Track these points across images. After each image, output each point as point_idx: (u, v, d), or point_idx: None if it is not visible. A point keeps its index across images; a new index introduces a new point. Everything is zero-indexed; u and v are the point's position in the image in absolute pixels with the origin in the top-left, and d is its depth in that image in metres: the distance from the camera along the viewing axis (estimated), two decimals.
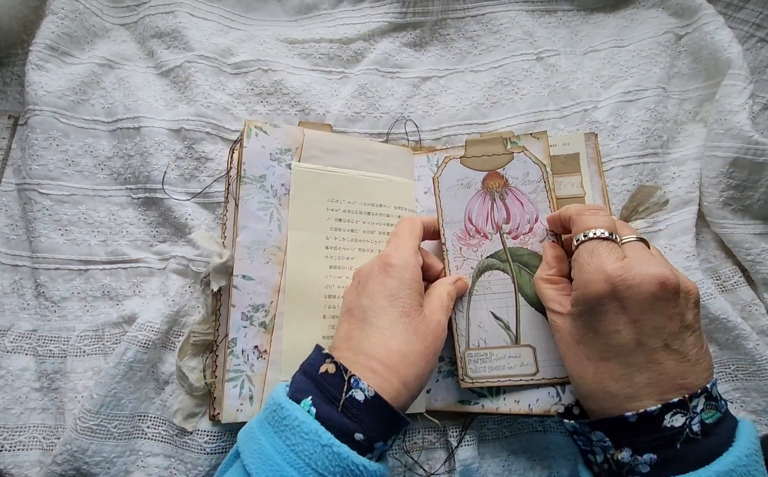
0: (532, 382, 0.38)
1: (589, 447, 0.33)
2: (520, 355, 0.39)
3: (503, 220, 0.41)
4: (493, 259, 0.40)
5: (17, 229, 0.45)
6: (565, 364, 0.35)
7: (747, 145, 0.44)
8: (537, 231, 0.40)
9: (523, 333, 0.39)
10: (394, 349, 0.32)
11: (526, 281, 0.39)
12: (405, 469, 0.41)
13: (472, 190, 0.42)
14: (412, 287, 0.34)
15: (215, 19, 0.53)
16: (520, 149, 0.42)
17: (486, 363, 0.39)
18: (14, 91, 0.49)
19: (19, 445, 0.40)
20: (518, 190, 0.41)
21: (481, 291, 0.40)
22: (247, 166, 0.42)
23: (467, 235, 0.41)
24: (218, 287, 0.41)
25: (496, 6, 0.55)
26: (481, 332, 0.39)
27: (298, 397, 0.30)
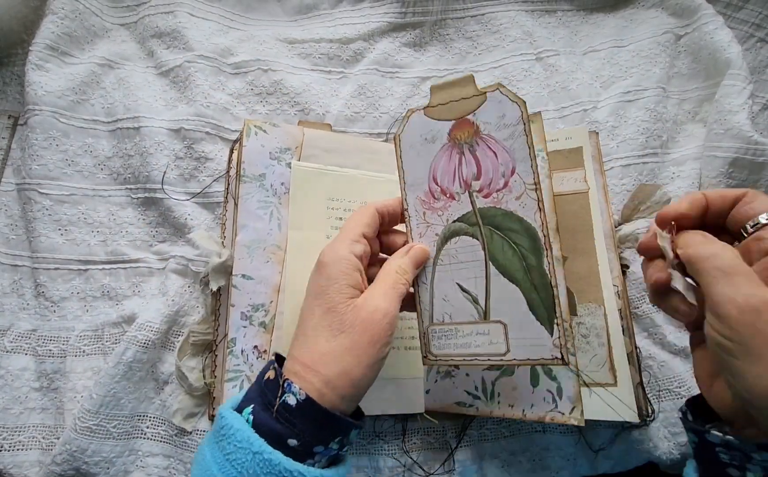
0: (502, 362, 0.34)
1: (740, 462, 0.27)
2: (489, 332, 0.34)
3: (473, 176, 0.35)
4: (460, 224, 0.35)
5: (17, 229, 0.45)
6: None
7: (747, 145, 0.44)
8: (513, 186, 0.33)
9: (493, 307, 0.34)
10: (316, 350, 0.30)
11: (498, 247, 0.34)
12: (405, 469, 0.41)
13: (437, 145, 0.36)
14: (339, 281, 0.32)
15: (215, 19, 0.53)
16: (493, 87, 0.34)
17: (451, 340, 0.35)
18: (14, 91, 0.49)
19: (18, 445, 0.40)
20: (491, 137, 0.34)
21: (447, 260, 0.35)
22: (246, 165, 0.42)
23: (431, 197, 0.36)
24: (217, 287, 0.41)
25: (496, 6, 0.55)
26: (446, 306, 0.35)
27: (244, 406, 0.30)
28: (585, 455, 0.42)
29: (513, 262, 0.34)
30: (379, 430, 0.42)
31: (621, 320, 0.41)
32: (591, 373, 0.39)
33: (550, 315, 0.32)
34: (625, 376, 0.39)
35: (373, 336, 0.31)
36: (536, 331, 0.33)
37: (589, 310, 0.41)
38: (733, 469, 0.28)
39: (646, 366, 0.42)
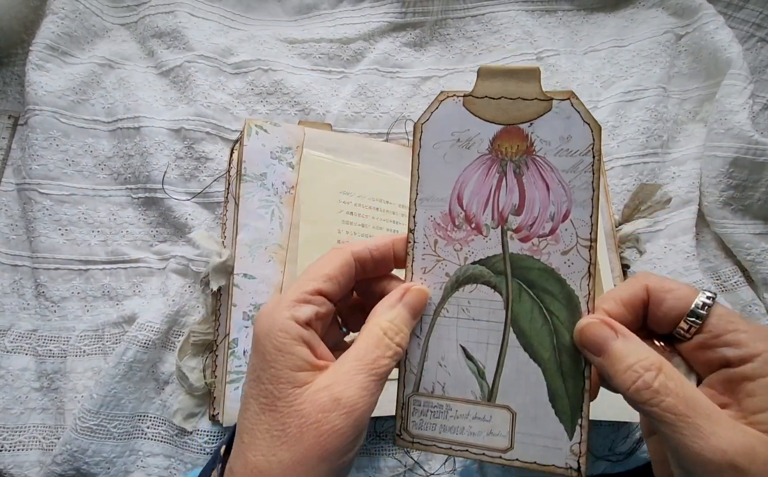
0: (501, 460, 0.26)
1: None
2: (491, 419, 0.26)
3: (512, 209, 0.26)
4: (482, 268, 0.26)
5: (17, 229, 0.45)
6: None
7: (747, 145, 0.44)
8: (562, 235, 0.26)
9: (502, 388, 0.26)
10: (251, 463, 0.22)
11: (526, 310, 0.26)
12: (405, 469, 0.41)
13: (472, 152, 0.26)
14: (275, 363, 0.23)
15: (215, 19, 0.53)
16: (565, 96, 0.26)
17: (438, 419, 0.27)
18: (14, 91, 0.49)
19: (19, 445, 0.40)
20: (546, 163, 0.26)
21: (454, 312, 0.27)
22: (247, 165, 0.42)
23: (451, 222, 0.27)
24: (218, 287, 0.41)
25: (496, 6, 0.55)
26: (440, 373, 0.27)
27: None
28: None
29: (541, 335, 0.26)
30: (380, 429, 0.42)
31: None
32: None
33: (575, 412, 0.25)
34: None
35: (326, 449, 0.22)
36: (553, 428, 0.26)
37: None
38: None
39: None
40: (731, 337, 0.22)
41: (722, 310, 0.23)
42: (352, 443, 0.23)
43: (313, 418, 0.22)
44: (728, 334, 0.22)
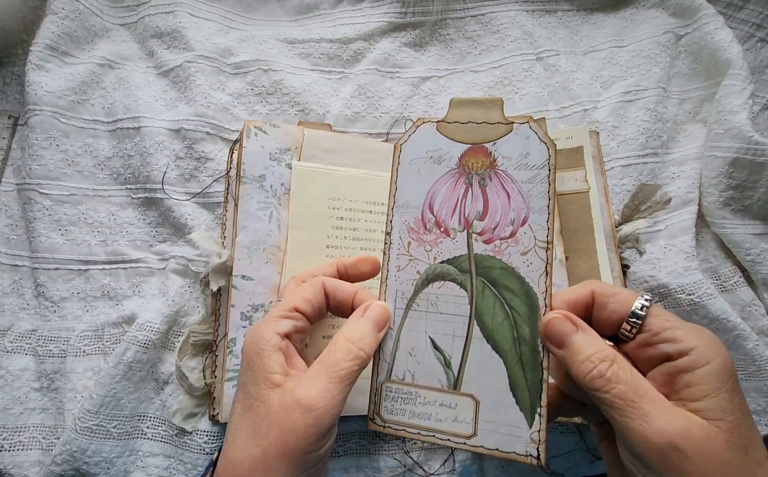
0: (465, 446, 0.28)
1: None
2: (456, 406, 0.28)
3: (477, 215, 0.30)
4: (449, 267, 0.29)
5: (17, 229, 0.45)
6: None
7: (747, 145, 0.44)
8: (521, 238, 0.29)
9: (467, 377, 0.28)
10: (230, 459, 0.25)
11: (489, 305, 0.29)
12: (405, 469, 0.41)
13: (443, 167, 0.30)
14: (257, 366, 0.26)
15: (215, 19, 0.53)
16: (524, 119, 0.30)
17: (408, 405, 0.29)
18: (14, 91, 0.49)
19: (18, 445, 0.40)
20: (507, 175, 0.29)
21: (423, 307, 0.30)
22: (246, 166, 0.42)
23: (422, 227, 0.30)
24: (217, 287, 0.41)
25: (496, 6, 0.55)
26: (410, 362, 0.29)
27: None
28: (585, 456, 0.42)
29: (503, 328, 0.28)
30: None
31: None
32: None
33: (534, 402, 0.27)
34: None
35: (286, 446, 0.24)
36: (514, 417, 0.27)
37: None
38: None
39: None
40: (669, 334, 0.24)
41: (659, 311, 0.25)
42: (314, 442, 0.24)
43: (277, 417, 0.24)
44: (666, 332, 0.24)
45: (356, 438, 0.42)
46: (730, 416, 0.22)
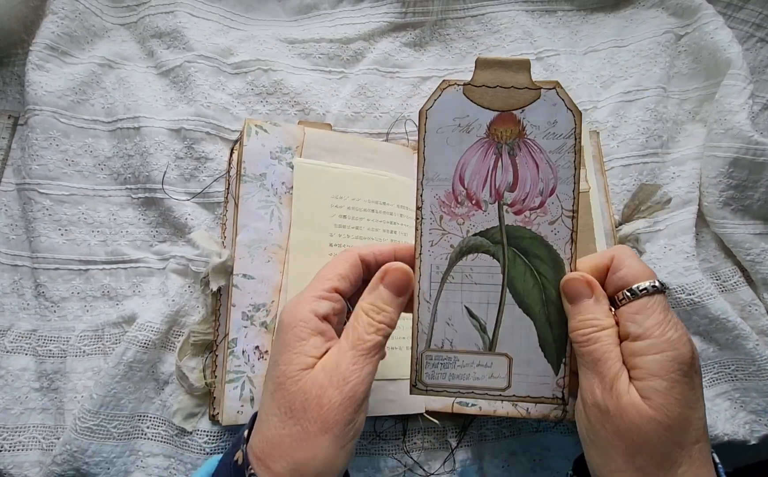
0: (501, 397, 0.31)
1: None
2: (492, 365, 0.31)
3: (507, 186, 0.30)
4: (482, 239, 0.30)
5: (17, 229, 0.45)
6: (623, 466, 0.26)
7: (747, 145, 0.44)
8: (549, 208, 0.30)
9: (501, 339, 0.31)
10: (266, 437, 0.26)
11: (520, 273, 0.30)
12: (405, 469, 0.41)
13: (472, 136, 0.30)
14: (293, 348, 0.27)
15: (215, 19, 0.53)
16: (551, 85, 0.29)
17: (447, 369, 0.31)
18: (14, 91, 0.49)
19: (18, 445, 0.40)
20: (536, 145, 0.29)
21: (459, 279, 0.31)
22: (247, 165, 0.42)
23: (454, 200, 0.30)
24: (218, 287, 0.41)
25: (496, 6, 0.55)
26: (448, 331, 0.31)
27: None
28: None
29: (533, 293, 0.30)
30: (380, 430, 0.42)
31: None
32: None
33: (560, 354, 0.30)
34: None
35: (326, 421, 0.25)
36: (542, 368, 0.31)
37: None
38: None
39: None
40: (640, 317, 0.27)
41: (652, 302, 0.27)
42: (352, 414, 0.26)
43: (313, 394, 0.25)
44: (640, 314, 0.27)
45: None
46: (662, 400, 0.25)
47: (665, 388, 0.25)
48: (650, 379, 0.25)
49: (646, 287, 0.27)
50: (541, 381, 0.31)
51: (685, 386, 0.25)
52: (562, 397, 0.31)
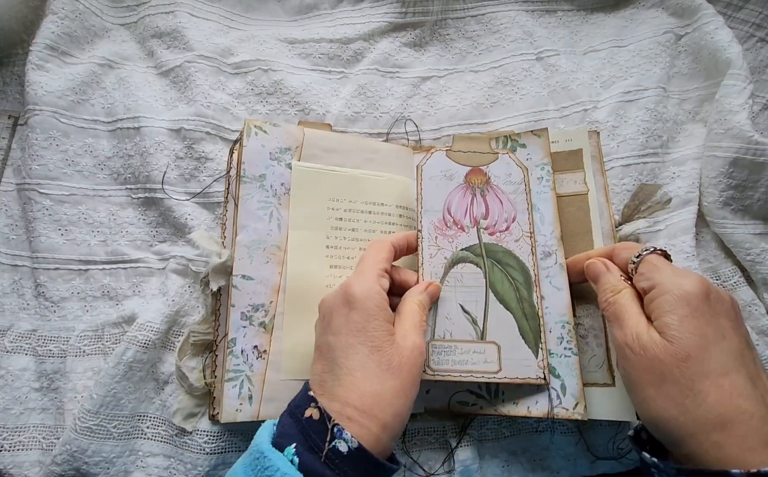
0: (494, 380, 0.37)
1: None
2: (485, 352, 0.38)
3: (482, 215, 0.41)
4: (467, 252, 0.40)
5: (17, 229, 0.45)
6: (654, 396, 0.29)
7: (747, 145, 0.44)
8: (513, 230, 0.41)
9: (489, 329, 0.39)
10: (368, 392, 0.30)
11: (498, 278, 0.40)
12: (405, 470, 0.41)
13: (454, 182, 0.42)
14: (378, 317, 0.32)
15: (215, 19, 0.53)
16: (505, 151, 0.43)
17: (450, 356, 0.38)
18: (14, 91, 0.49)
19: (18, 445, 0.40)
20: (499, 188, 0.42)
21: (452, 282, 0.40)
22: (246, 166, 0.42)
23: (444, 225, 0.41)
24: (217, 287, 0.41)
25: (496, 6, 0.55)
26: (447, 324, 0.39)
27: (282, 443, 0.28)
28: (585, 455, 0.42)
29: (509, 293, 0.39)
30: None
31: None
32: (589, 373, 0.39)
33: (537, 340, 0.38)
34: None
35: (416, 376, 0.32)
36: (524, 353, 0.38)
37: (588, 311, 0.41)
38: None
39: None
40: (647, 273, 0.32)
41: (653, 258, 0.33)
42: (421, 373, 0.33)
43: (407, 355, 0.32)
44: (647, 271, 0.32)
45: None
46: (675, 331, 0.29)
47: (677, 322, 0.29)
48: (664, 316, 0.29)
49: (647, 249, 0.33)
50: (524, 364, 0.38)
51: (697, 320, 0.29)
52: (544, 377, 0.37)
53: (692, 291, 0.29)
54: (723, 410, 0.27)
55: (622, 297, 0.33)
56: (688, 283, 0.30)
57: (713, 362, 0.28)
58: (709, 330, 0.28)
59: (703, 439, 0.27)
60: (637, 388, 0.30)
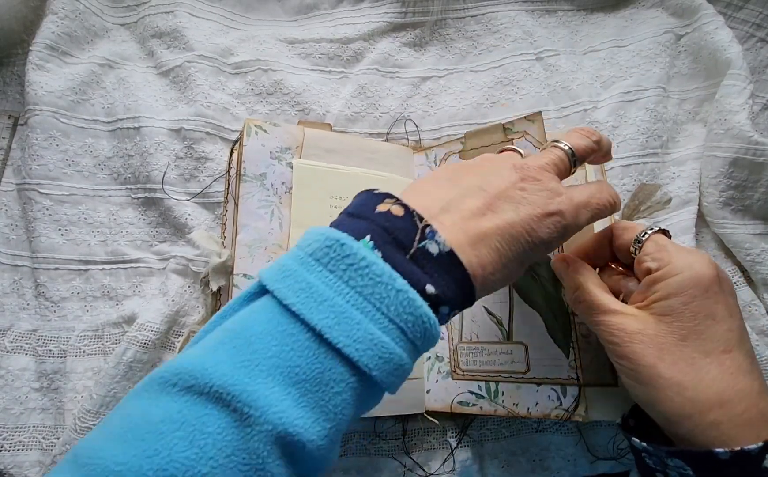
0: (523, 380, 0.37)
1: (661, 468, 0.28)
2: (512, 352, 0.38)
3: None
4: None
5: (17, 229, 0.45)
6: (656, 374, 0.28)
7: (747, 145, 0.44)
8: None
9: (515, 330, 0.38)
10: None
11: (521, 277, 0.38)
12: (405, 470, 0.41)
13: None
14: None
15: (215, 19, 0.53)
16: (520, 135, 0.39)
17: (477, 357, 0.38)
18: (14, 91, 0.49)
19: (18, 445, 0.40)
20: None
21: None
22: (247, 165, 0.42)
23: None
24: (218, 287, 0.41)
25: (496, 6, 0.55)
26: (473, 327, 0.39)
27: (353, 235, 0.24)
28: (585, 456, 0.42)
29: (534, 291, 0.38)
30: (380, 430, 0.42)
31: None
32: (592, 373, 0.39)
33: (567, 339, 0.36)
34: None
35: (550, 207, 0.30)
36: (554, 352, 0.36)
37: None
38: (659, 474, 0.29)
39: None
40: (656, 254, 0.30)
41: (659, 238, 0.31)
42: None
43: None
44: (654, 252, 0.30)
45: (356, 438, 0.42)
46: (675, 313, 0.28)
47: (680, 304, 0.28)
48: (667, 298, 0.28)
49: (650, 229, 0.31)
50: (555, 364, 0.36)
51: (708, 300, 0.28)
52: (577, 377, 0.35)
53: (706, 273, 0.28)
54: (722, 388, 0.26)
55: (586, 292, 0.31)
56: (699, 264, 0.29)
57: (716, 340, 0.27)
58: (719, 308, 0.28)
59: (700, 419, 0.26)
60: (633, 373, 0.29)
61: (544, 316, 0.37)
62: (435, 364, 0.42)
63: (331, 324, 0.22)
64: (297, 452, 0.21)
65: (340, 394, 0.22)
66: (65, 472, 0.20)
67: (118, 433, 0.20)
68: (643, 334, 0.28)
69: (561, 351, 0.36)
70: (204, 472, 0.19)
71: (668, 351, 0.27)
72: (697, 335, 0.27)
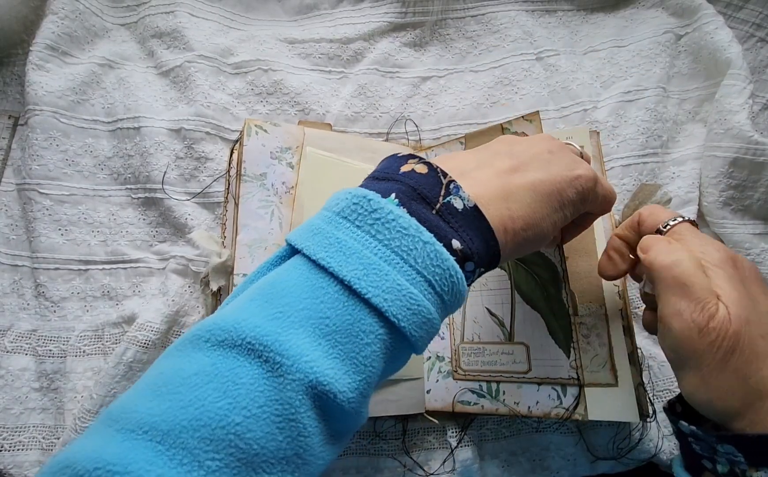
0: (524, 380, 0.37)
1: (709, 454, 0.28)
2: (513, 353, 0.38)
3: None
4: None
5: (17, 229, 0.45)
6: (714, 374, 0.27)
7: (747, 145, 0.44)
8: None
9: (517, 330, 0.39)
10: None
11: (522, 278, 0.39)
12: (405, 470, 0.41)
13: None
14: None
15: (215, 19, 0.53)
16: (519, 135, 0.40)
17: (479, 357, 0.39)
18: (14, 91, 0.49)
19: (18, 445, 0.40)
20: None
21: (478, 286, 0.40)
22: (247, 165, 0.42)
23: None
24: (217, 287, 0.41)
25: (496, 6, 0.55)
26: (475, 327, 0.40)
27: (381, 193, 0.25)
28: (585, 456, 0.42)
29: (535, 291, 0.38)
30: (380, 430, 0.42)
31: (622, 320, 0.41)
32: (592, 373, 0.39)
33: (567, 339, 0.37)
34: (626, 376, 0.39)
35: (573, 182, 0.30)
36: (555, 353, 0.37)
37: (590, 310, 0.41)
38: (706, 461, 0.28)
39: (646, 366, 0.42)
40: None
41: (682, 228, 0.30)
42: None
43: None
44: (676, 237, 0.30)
45: (356, 438, 0.42)
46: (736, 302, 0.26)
47: (737, 297, 0.27)
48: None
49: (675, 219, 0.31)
50: (556, 364, 0.37)
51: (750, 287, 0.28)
52: (577, 377, 0.36)
53: (722, 257, 0.28)
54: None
55: (685, 258, 0.29)
56: (714, 249, 0.28)
57: (761, 324, 0.26)
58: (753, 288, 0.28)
59: (760, 406, 0.25)
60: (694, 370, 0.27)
61: (545, 317, 0.38)
62: (435, 364, 0.42)
63: (359, 275, 0.22)
64: (329, 404, 0.22)
65: (369, 346, 0.23)
66: (99, 428, 0.20)
67: (152, 388, 0.21)
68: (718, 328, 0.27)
69: (561, 351, 0.37)
70: (237, 421, 0.19)
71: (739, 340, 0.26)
72: (755, 320, 0.26)
